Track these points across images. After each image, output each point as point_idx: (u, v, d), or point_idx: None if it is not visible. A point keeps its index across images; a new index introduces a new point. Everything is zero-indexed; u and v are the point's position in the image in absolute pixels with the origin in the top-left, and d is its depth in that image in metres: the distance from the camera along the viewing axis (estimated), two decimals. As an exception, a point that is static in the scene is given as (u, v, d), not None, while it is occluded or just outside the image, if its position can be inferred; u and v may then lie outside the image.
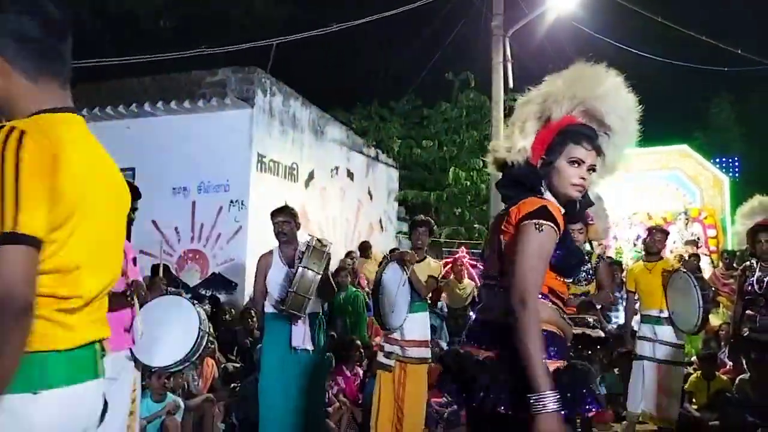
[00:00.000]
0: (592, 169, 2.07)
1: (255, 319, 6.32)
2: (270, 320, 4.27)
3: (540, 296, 1.99)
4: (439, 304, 8.12)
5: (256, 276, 4.40)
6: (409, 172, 14.71)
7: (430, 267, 5.17)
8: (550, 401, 1.76)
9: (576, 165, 2.04)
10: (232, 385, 5.78)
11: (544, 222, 1.93)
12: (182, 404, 4.74)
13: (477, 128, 14.68)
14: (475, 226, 14.28)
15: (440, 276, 5.40)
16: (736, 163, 19.44)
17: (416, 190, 14.27)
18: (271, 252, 4.42)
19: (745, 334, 4.76)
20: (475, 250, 12.63)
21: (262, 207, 7.45)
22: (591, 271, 4.56)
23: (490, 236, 2.22)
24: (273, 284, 4.25)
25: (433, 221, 5.40)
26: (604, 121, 2.12)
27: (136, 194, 3.46)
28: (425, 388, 5.23)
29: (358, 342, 6.31)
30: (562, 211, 2.02)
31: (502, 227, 2.08)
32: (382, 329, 4.96)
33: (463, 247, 11.00)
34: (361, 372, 6.14)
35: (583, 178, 2.05)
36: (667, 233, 6.31)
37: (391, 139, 13.78)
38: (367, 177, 11.36)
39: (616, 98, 2.16)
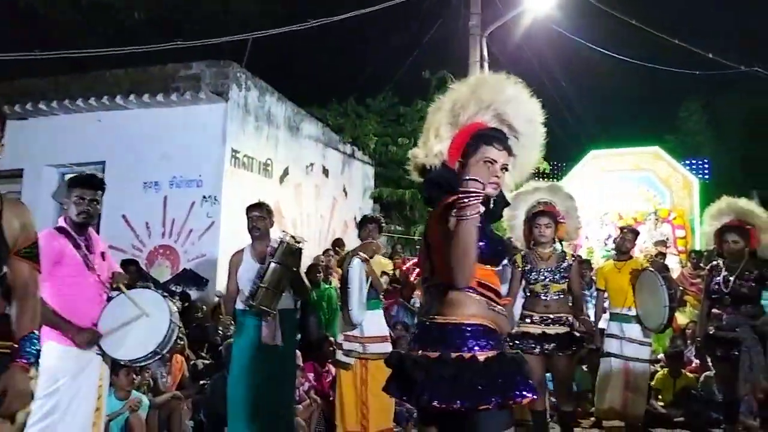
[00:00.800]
0: (504, 168, 2.24)
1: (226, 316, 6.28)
2: (240, 316, 4.25)
3: (468, 290, 2.11)
4: (412, 300, 8.14)
5: (229, 274, 4.37)
6: (385, 169, 14.69)
7: (381, 263, 5.26)
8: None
9: (490, 164, 2.19)
10: (201, 382, 5.72)
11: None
12: (146, 401, 4.68)
13: (453, 127, 14.71)
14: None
15: (391, 272, 5.54)
16: (706, 166, 19.82)
17: (391, 188, 14.26)
18: (242, 250, 4.40)
19: (711, 332, 4.86)
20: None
21: (236, 203, 7.39)
22: (566, 270, 4.59)
23: (422, 242, 2.31)
24: (244, 280, 4.22)
25: (382, 219, 5.55)
26: (512, 125, 2.30)
27: (99, 186, 3.41)
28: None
29: (331, 338, 6.30)
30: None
31: (428, 231, 2.24)
32: (348, 324, 4.97)
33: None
34: (333, 369, 6.13)
35: (497, 177, 2.21)
36: (637, 233, 6.42)
37: (367, 137, 13.73)
38: (343, 174, 11.34)
39: (521, 103, 2.33)
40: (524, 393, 2.04)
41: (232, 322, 4.38)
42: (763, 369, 4.51)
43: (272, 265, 3.94)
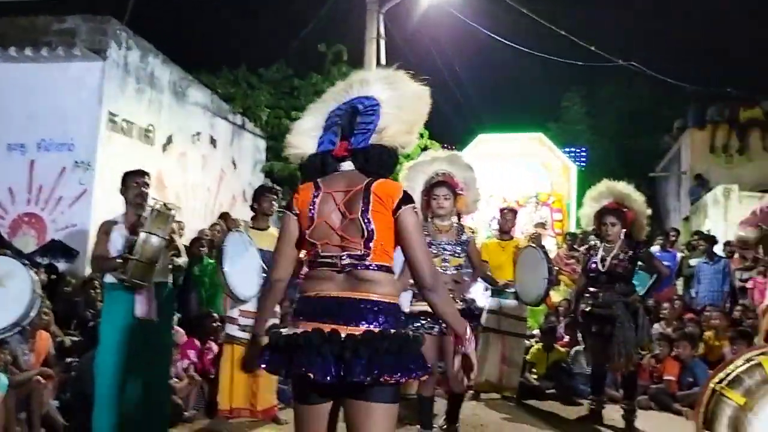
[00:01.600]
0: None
1: (99, 290, 5.89)
2: (111, 290, 3.97)
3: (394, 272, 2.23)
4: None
5: (97, 240, 4.07)
6: (277, 143, 14.32)
7: (274, 237, 5.11)
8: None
9: None
10: (69, 360, 5.34)
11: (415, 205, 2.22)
12: (5, 380, 4.28)
13: (347, 103, 14.61)
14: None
15: None
16: (584, 154, 21.06)
17: (283, 163, 13.96)
18: (114, 219, 4.10)
19: (587, 309, 5.12)
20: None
21: (112, 170, 6.91)
22: (465, 244, 4.39)
23: (345, 208, 2.15)
24: (115, 252, 3.94)
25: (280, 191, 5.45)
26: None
27: None
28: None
29: (215, 314, 6.08)
30: None
31: (373, 206, 2.12)
32: (234, 301, 4.80)
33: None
34: (215, 346, 5.92)
35: None
36: (515, 212, 6.72)
37: (259, 108, 13.34)
38: (232, 145, 10.93)
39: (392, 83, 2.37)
40: (418, 372, 2.10)
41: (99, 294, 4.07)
42: (634, 344, 4.83)
43: (143, 235, 3.69)
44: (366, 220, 2.11)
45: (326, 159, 2.27)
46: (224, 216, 9.14)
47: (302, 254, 2.37)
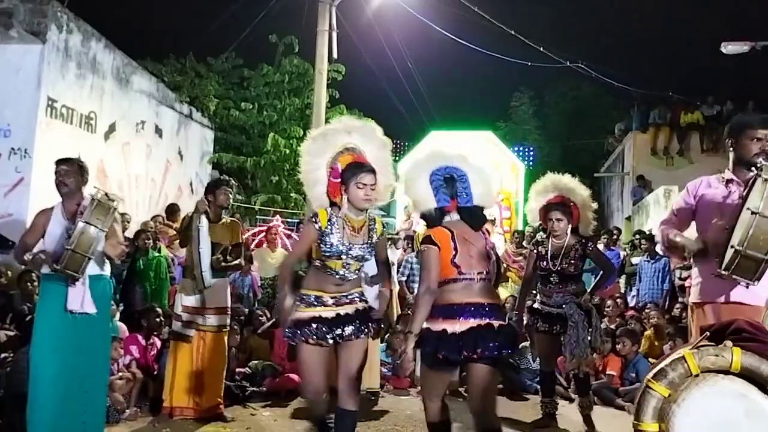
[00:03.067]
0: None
1: (36, 282, 5.63)
2: (45, 281, 3.79)
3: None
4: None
5: (30, 227, 3.89)
6: (226, 134, 14.10)
7: (226, 229, 5.04)
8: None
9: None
10: (3, 355, 5.08)
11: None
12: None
13: (299, 95, 14.47)
14: (291, 195, 14.13)
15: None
16: (531, 153, 21.48)
17: (232, 154, 13.73)
18: (52, 208, 3.93)
19: (536, 306, 5.05)
20: (290, 220, 12.53)
21: (51, 158, 6.54)
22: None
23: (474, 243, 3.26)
24: (50, 241, 3.76)
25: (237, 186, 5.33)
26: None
27: None
28: (225, 357, 5.05)
29: (159, 309, 5.90)
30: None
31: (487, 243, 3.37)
32: (198, 287, 4.68)
33: (278, 216, 10.83)
34: (158, 342, 5.75)
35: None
36: None
37: (207, 98, 13.05)
38: (179, 135, 10.66)
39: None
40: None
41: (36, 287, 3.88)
42: (587, 344, 4.72)
43: (80, 224, 3.53)
44: (491, 251, 3.27)
45: (443, 211, 3.29)
46: (171, 208, 8.91)
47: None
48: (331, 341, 3.27)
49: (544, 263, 4.92)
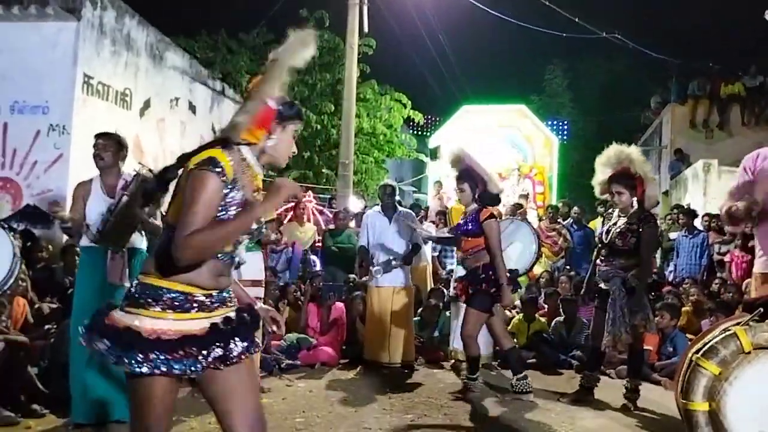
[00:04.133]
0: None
1: (78, 256, 5.77)
2: (85, 254, 3.87)
3: None
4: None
5: (73, 201, 3.97)
6: (258, 110, 14.14)
7: None
8: None
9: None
10: (47, 327, 5.23)
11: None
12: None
13: (330, 71, 14.40)
14: (323, 171, 14.16)
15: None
16: (565, 127, 21.09)
17: (264, 130, 13.78)
18: (91, 180, 3.99)
19: (596, 281, 4.92)
20: (322, 195, 12.56)
21: (88, 134, 6.64)
22: None
23: None
24: (92, 215, 3.83)
25: None
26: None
27: None
28: (260, 329, 5.11)
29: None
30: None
31: None
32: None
33: (310, 192, 10.87)
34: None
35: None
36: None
37: (239, 74, 13.08)
38: (212, 112, 10.71)
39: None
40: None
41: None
42: (625, 323, 4.56)
43: (124, 198, 3.59)
44: None
45: None
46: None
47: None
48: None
49: (600, 236, 4.88)
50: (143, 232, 3.99)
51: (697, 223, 9.04)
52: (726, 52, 16.92)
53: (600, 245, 4.93)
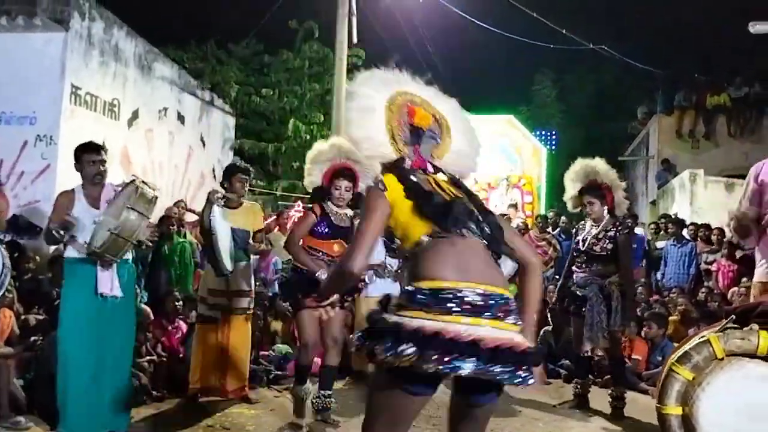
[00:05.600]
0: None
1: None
2: (72, 265, 3.85)
3: None
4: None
5: (54, 211, 3.90)
6: (247, 120, 14.15)
7: (247, 214, 5.07)
8: None
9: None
10: (33, 338, 5.19)
11: None
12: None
13: (319, 81, 14.47)
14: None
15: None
16: (554, 137, 21.23)
17: (253, 140, 13.80)
18: (73, 190, 3.96)
19: (570, 287, 5.01)
20: (311, 205, 12.57)
21: (76, 144, 6.66)
22: None
23: None
24: (79, 227, 3.81)
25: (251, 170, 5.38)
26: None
27: None
28: (250, 340, 5.11)
29: (177, 293, 5.97)
30: None
31: None
32: (219, 275, 4.71)
33: (299, 202, 10.87)
34: (184, 325, 5.84)
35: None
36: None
37: (228, 84, 13.11)
38: (201, 122, 10.71)
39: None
40: None
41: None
42: (603, 329, 4.66)
43: (128, 211, 3.57)
44: None
45: None
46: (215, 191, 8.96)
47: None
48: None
49: (576, 244, 4.97)
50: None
51: (684, 232, 9.12)
52: (712, 64, 17.11)
53: (575, 253, 5.05)
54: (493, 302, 1.95)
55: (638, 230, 9.77)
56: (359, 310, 6.27)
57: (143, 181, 3.84)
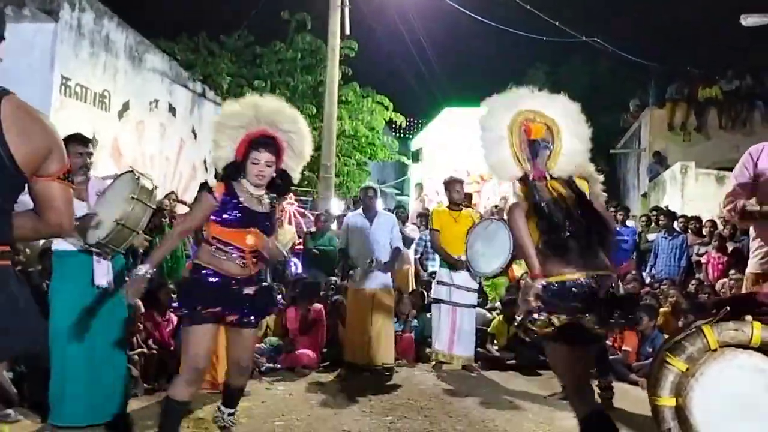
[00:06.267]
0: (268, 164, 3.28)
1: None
2: (64, 257, 3.83)
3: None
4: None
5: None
6: (239, 113, 14.07)
7: None
8: None
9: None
10: (23, 332, 5.17)
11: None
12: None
13: (311, 73, 14.40)
14: (304, 173, 14.10)
15: None
16: (546, 129, 21.24)
17: (245, 133, 13.71)
18: None
19: None
20: (303, 198, 12.53)
21: (65, 136, 6.65)
22: None
23: None
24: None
25: None
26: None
27: None
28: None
29: (171, 286, 5.95)
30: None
31: None
32: None
33: (291, 195, 10.84)
34: (175, 318, 5.82)
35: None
36: (463, 182, 6.72)
37: (219, 76, 13.03)
38: (192, 114, 10.65)
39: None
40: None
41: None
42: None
43: (134, 203, 3.56)
44: None
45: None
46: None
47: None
48: None
49: None
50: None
51: (675, 224, 9.15)
52: (704, 57, 17.15)
53: None
54: None
55: (629, 222, 9.82)
56: (352, 303, 6.29)
57: (141, 173, 3.83)
